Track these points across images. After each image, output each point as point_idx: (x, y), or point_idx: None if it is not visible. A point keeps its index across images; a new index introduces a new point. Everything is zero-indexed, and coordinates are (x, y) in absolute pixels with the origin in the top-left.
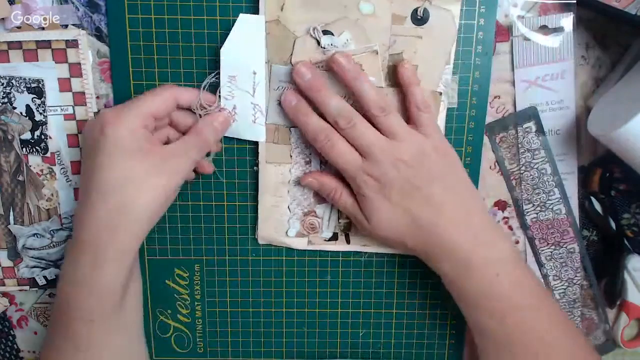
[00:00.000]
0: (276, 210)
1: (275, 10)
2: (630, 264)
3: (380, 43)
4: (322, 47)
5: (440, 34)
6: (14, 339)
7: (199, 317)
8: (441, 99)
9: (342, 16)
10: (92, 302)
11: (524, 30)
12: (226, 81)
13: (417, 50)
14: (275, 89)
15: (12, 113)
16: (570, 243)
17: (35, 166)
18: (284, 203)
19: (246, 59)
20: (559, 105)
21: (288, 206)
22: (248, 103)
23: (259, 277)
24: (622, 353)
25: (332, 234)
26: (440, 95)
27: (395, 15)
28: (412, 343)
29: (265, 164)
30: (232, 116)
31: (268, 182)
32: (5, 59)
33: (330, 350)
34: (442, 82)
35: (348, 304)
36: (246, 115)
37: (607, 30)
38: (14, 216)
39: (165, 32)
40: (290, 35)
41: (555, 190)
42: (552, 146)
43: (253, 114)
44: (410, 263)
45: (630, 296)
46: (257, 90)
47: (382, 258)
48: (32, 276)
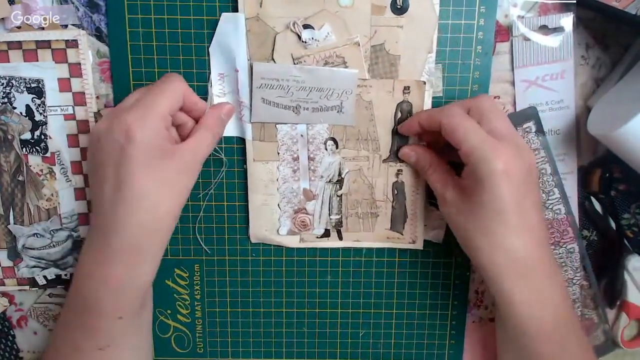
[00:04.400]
0: (266, 209)
1: (254, 7)
2: (630, 264)
3: (362, 34)
4: (303, 41)
5: (421, 23)
6: (14, 339)
7: (199, 317)
8: (425, 88)
9: (321, 9)
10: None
11: (524, 30)
12: (217, 79)
13: (399, 40)
14: (257, 87)
15: (12, 113)
16: (570, 243)
17: (35, 166)
18: (274, 201)
19: (230, 57)
20: (559, 105)
21: (278, 204)
22: (236, 101)
23: (259, 277)
24: (622, 353)
25: (324, 231)
26: (424, 85)
27: (374, 5)
28: (412, 343)
29: (253, 162)
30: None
31: (257, 180)
32: (5, 59)
33: (330, 351)
34: (425, 71)
35: (348, 304)
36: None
37: (607, 30)
38: (14, 216)
39: (165, 32)
40: (270, 31)
41: (555, 190)
42: (552, 146)
43: (239, 111)
44: (410, 263)
45: (630, 296)
46: (241, 88)
47: (382, 258)
48: (32, 276)
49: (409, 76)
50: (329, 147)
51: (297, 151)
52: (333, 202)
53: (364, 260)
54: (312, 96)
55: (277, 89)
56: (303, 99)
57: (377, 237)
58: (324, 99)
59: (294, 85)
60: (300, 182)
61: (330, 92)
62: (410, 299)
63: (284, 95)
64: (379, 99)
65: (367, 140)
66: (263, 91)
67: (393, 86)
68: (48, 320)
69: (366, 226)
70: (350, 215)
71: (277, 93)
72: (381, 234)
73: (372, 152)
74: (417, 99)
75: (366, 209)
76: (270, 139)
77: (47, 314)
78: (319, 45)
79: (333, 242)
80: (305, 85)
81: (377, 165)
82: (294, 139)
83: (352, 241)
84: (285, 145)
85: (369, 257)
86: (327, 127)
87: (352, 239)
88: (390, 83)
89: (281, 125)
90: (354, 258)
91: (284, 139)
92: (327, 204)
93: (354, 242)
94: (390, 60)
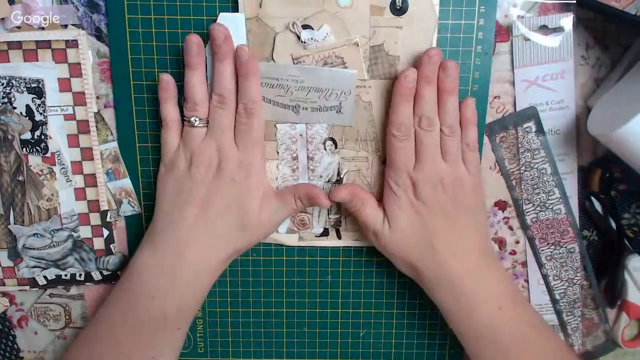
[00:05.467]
0: None
1: (254, 8)
2: (631, 264)
3: (360, 35)
4: (302, 41)
5: (420, 23)
6: (14, 339)
7: (200, 317)
8: None
9: (321, 9)
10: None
11: (524, 30)
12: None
13: (398, 40)
14: None
15: (12, 113)
16: (570, 243)
17: (35, 166)
18: None
19: None
20: (559, 105)
21: None
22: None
23: (260, 277)
24: (623, 353)
25: (323, 230)
26: None
27: (373, 6)
28: (412, 343)
29: None
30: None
31: None
32: (5, 59)
33: (330, 350)
34: None
35: (348, 304)
36: None
37: (607, 30)
38: (14, 216)
39: (165, 32)
40: (270, 31)
41: (555, 190)
42: (552, 146)
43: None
44: None
45: (630, 296)
46: None
47: (382, 258)
48: (32, 276)
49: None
50: (328, 147)
51: (296, 150)
52: None
53: (364, 260)
54: (311, 96)
55: (277, 88)
56: (302, 99)
57: None
58: (323, 99)
59: (294, 85)
60: (300, 181)
61: (329, 92)
62: (411, 299)
63: (283, 95)
64: (378, 99)
65: (366, 141)
66: (263, 90)
67: (393, 87)
68: (48, 320)
69: None
70: (349, 215)
71: (277, 92)
72: None
73: (371, 153)
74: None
75: None
76: (269, 137)
77: (47, 314)
78: (318, 45)
79: (332, 241)
80: (304, 85)
81: (376, 166)
82: (294, 139)
83: (351, 240)
84: (284, 144)
85: (369, 257)
86: (326, 127)
87: (351, 238)
88: (390, 84)
89: (280, 125)
90: (355, 258)
91: (283, 138)
92: None
93: (353, 241)
94: (390, 61)
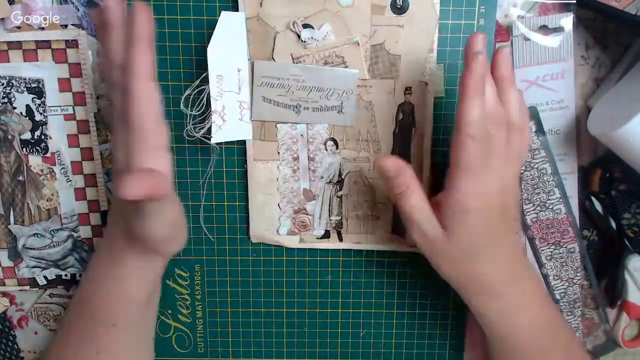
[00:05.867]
0: (267, 208)
1: (254, 7)
2: (631, 264)
3: (361, 34)
4: (302, 41)
5: (421, 22)
6: (15, 339)
7: (200, 317)
8: (427, 89)
9: (322, 8)
10: (117, 308)
11: (524, 30)
12: (215, 81)
13: (399, 39)
14: (258, 85)
15: (12, 113)
16: (570, 243)
17: (35, 166)
18: (274, 201)
19: (230, 56)
20: (559, 105)
21: (278, 204)
22: (235, 101)
23: (260, 277)
24: (623, 353)
25: (324, 232)
26: (426, 85)
27: (374, 5)
28: (412, 343)
29: (254, 161)
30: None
31: (257, 179)
32: (5, 59)
33: (330, 350)
34: (426, 71)
35: (349, 304)
36: (234, 114)
37: (607, 30)
38: (14, 216)
39: (165, 32)
40: (270, 30)
41: (555, 190)
42: (552, 146)
43: (240, 111)
44: (411, 263)
45: (630, 296)
46: (242, 87)
47: (382, 258)
48: (32, 276)
49: (410, 76)
50: (329, 148)
51: (297, 151)
52: (333, 203)
53: (365, 260)
54: (312, 96)
55: (278, 88)
56: (303, 99)
57: (377, 239)
58: (324, 98)
59: (295, 85)
60: (300, 182)
61: (330, 92)
62: (411, 299)
63: (284, 94)
64: (379, 99)
65: (367, 141)
66: (264, 89)
67: (394, 86)
68: (49, 320)
69: (367, 228)
70: (350, 217)
71: (278, 92)
72: (382, 236)
73: (373, 154)
74: (419, 99)
75: (367, 211)
76: (270, 138)
77: (47, 314)
78: (319, 45)
79: (333, 243)
80: (305, 85)
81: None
82: (294, 139)
83: (353, 243)
84: (285, 144)
85: (369, 257)
86: (327, 127)
87: (353, 240)
88: (391, 83)
89: (281, 125)
90: (355, 259)
91: (284, 138)
92: (327, 204)
93: (354, 244)
94: (391, 60)
